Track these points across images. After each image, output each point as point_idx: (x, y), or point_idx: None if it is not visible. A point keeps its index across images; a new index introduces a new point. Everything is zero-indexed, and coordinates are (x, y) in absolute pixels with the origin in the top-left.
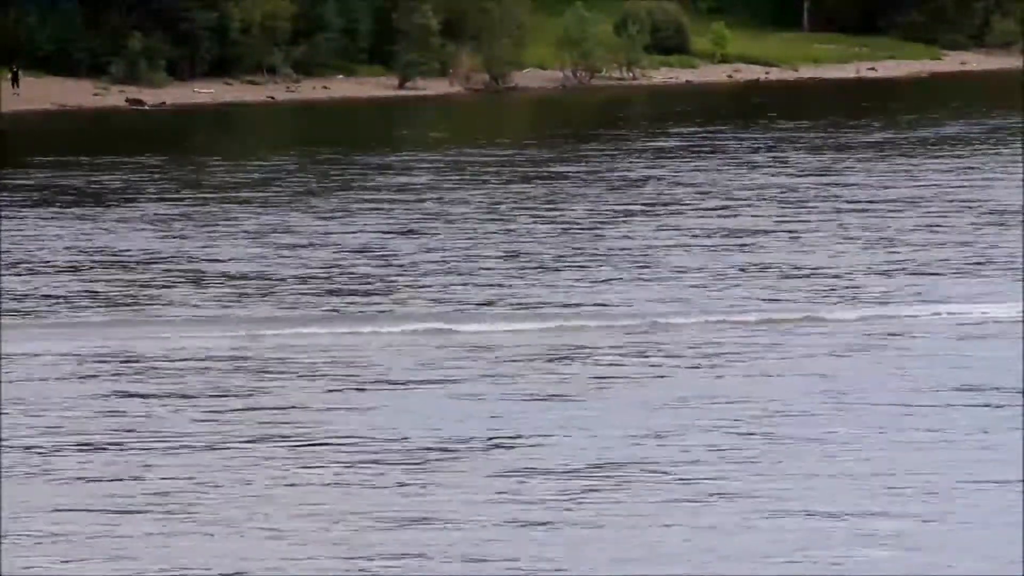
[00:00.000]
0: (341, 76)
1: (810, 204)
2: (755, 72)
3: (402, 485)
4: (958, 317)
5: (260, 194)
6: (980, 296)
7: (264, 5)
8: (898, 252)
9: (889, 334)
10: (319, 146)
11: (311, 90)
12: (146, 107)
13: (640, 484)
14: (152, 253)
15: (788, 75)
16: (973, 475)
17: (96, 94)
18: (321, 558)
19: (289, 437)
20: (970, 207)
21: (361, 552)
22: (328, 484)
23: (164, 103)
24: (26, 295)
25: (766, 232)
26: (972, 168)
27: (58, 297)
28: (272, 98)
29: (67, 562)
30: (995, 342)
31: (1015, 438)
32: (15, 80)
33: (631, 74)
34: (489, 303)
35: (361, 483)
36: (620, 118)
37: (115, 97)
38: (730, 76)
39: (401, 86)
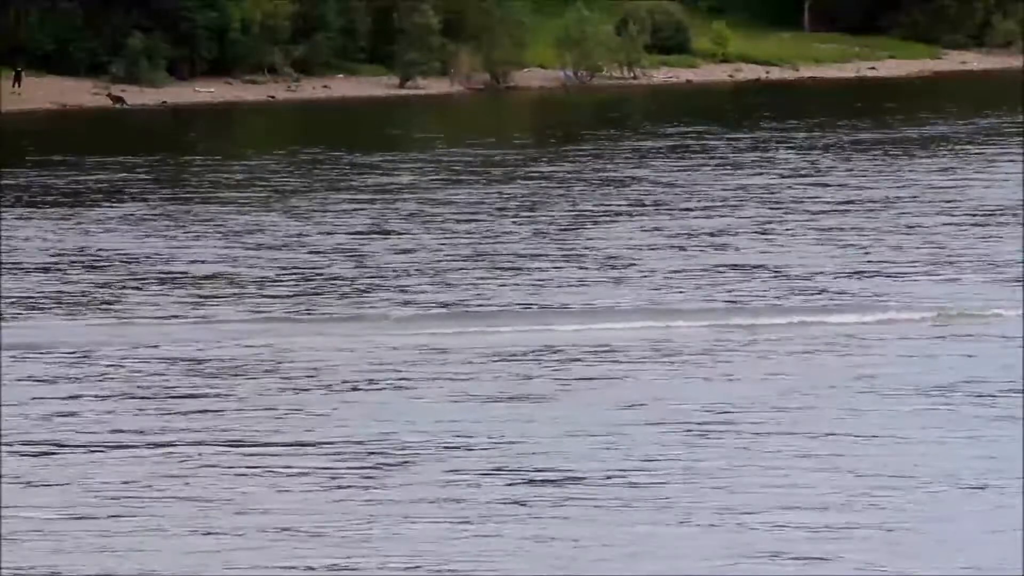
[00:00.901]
0: (341, 75)
1: (789, 205)
2: (756, 71)
3: (352, 487)
4: (929, 318)
5: (242, 194)
6: (953, 296)
7: (264, 4)
8: (873, 253)
9: (860, 336)
10: (313, 145)
11: (311, 89)
12: (127, 105)
13: (591, 488)
14: (125, 254)
15: (788, 75)
16: (936, 477)
17: (95, 93)
18: (267, 562)
19: (240, 440)
20: (949, 207)
21: (307, 556)
22: (276, 488)
23: (165, 102)
24: None
25: (742, 233)
26: (955, 168)
27: (25, 298)
28: (272, 97)
29: (8, 564)
30: (969, 343)
31: (981, 440)
32: (17, 80)
33: (632, 74)
34: (458, 304)
35: (311, 486)
36: (615, 118)
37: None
38: (731, 76)
39: (401, 85)
